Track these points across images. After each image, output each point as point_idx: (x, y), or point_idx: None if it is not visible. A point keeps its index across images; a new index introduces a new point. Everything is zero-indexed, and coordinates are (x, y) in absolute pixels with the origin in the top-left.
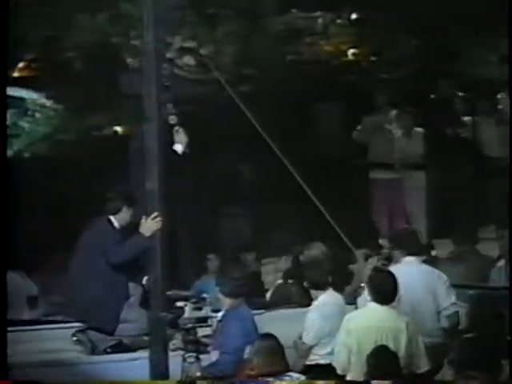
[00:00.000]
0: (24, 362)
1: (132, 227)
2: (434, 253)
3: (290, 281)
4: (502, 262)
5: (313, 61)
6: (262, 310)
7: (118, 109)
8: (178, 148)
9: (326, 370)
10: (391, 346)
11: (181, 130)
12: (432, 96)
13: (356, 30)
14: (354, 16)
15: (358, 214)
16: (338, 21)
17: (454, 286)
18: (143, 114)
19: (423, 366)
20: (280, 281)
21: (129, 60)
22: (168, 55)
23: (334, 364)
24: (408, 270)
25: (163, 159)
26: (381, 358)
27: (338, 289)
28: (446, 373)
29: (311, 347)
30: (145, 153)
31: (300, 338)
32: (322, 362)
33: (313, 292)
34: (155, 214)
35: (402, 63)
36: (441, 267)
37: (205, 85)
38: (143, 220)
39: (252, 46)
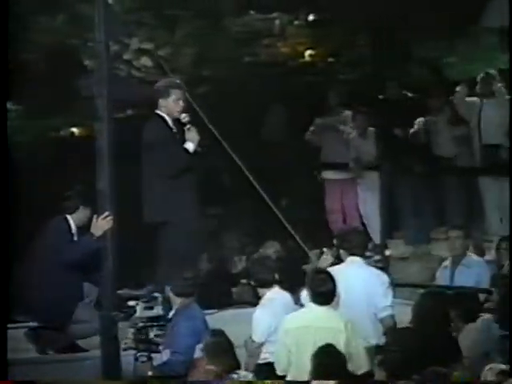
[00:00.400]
0: None
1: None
2: (387, 252)
3: (244, 281)
4: (447, 262)
5: (270, 62)
6: (214, 310)
7: (76, 110)
8: (190, 146)
9: None
10: None
11: (192, 128)
12: (386, 97)
13: (313, 32)
14: (311, 17)
15: (314, 214)
16: (296, 22)
17: (407, 285)
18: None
19: (363, 367)
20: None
21: (86, 62)
22: (125, 56)
23: (275, 365)
24: (349, 270)
25: (114, 159)
26: (326, 357)
27: (291, 288)
28: (380, 374)
29: (261, 345)
30: (96, 153)
31: (250, 337)
32: (272, 359)
33: (260, 290)
34: (106, 213)
35: (359, 64)
36: (394, 267)
37: None
38: (94, 220)
39: (210, 48)
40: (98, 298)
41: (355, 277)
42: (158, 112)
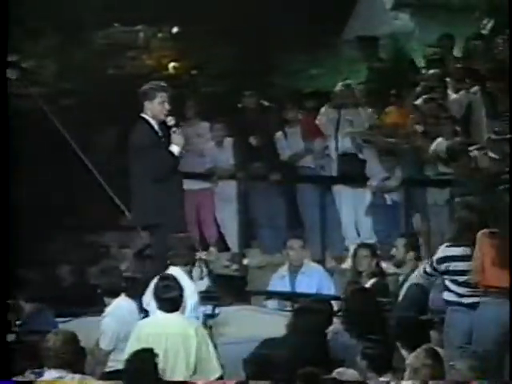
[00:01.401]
0: None
1: None
2: (245, 261)
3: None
4: (284, 270)
5: (134, 74)
6: (68, 318)
7: None
8: (175, 149)
9: None
10: (182, 351)
11: (178, 130)
12: (244, 106)
13: (177, 44)
14: (175, 30)
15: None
16: (160, 35)
17: (267, 292)
18: None
19: (216, 372)
20: None
21: None
22: None
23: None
24: None
25: None
26: (139, 363)
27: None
28: None
29: (108, 353)
30: None
31: (97, 345)
32: (120, 367)
33: (106, 299)
34: None
35: (222, 76)
36: (252, 275)
37: (27, 99)
38: None
39: (74, 60)
40: None
41: None
42: (143, 115)
